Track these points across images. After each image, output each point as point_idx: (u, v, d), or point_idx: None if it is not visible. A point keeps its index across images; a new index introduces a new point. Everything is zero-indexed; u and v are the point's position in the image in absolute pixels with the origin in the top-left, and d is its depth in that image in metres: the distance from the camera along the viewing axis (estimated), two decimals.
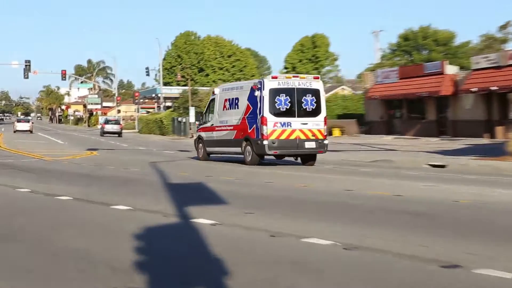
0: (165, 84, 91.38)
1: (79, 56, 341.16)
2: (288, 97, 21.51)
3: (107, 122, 68.40)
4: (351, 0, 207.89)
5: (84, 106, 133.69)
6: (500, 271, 5.75)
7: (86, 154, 27.97)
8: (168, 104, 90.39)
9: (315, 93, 21.92)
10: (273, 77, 22.18)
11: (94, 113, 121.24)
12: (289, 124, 21.43)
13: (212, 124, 24.76)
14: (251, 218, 9.17)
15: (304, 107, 21.71)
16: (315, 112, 21.84)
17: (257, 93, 21.78)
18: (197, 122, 26.80)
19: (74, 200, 11.24)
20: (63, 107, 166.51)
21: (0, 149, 32.28)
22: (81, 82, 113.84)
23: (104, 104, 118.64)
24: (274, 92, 21.42)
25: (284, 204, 10.94)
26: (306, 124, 21.67)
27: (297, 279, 5.58)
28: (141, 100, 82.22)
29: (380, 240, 7.39)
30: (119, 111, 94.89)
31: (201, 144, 25.39)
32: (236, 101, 23.20)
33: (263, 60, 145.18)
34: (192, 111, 55.10)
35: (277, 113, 21.40)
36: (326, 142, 21.92)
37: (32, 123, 74.05)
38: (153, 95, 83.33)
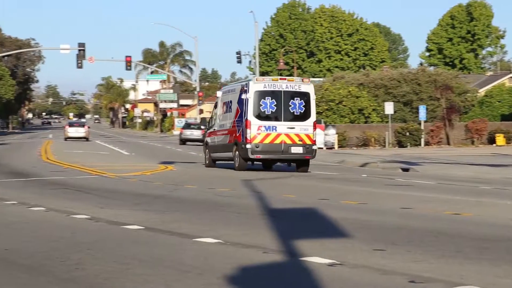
0: (263, 74, 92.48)
1: (148, 40, 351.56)
2: (274, 100, 27.03)
3: (187, 126, 70.07)
4: None
5: (155, 104, 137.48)
6: None
7: (160, 169, 28.82)
8: None
9: (304, 96, 27.25)
10: (258, 79, 28.18)
11: (169, 114, 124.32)
12: (274, 128, 27.03)
13: (215, 129, 30.89)
14: (382, 257, 9.21)
15: (292, 111, 27.13)
16: (304, 116, 27.21)
17: (243, 95, 27.48)
18: (202, 127, 32.28)
19: (145, 230, 11.68)
20: (128, 106, 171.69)
21: (48, 162, 33.82)
22: (151, 73, 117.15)
23: (182, 102, 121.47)
24: (259, 95, 26.98)
25: (427, 238, 10.89)
26: (293, 128, 27.11)
27: None
28: None
29: None
30: (201, 111, 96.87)
31: (207, 150, 31.31)
32: (230, 104, 29.09)
33: (397, 40, 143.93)
34: None
35: (262, 117, 27.05)
36: (315, 147, 27.57)
37: (88, 127, 76.88)
38: None
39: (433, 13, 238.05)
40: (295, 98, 27.17)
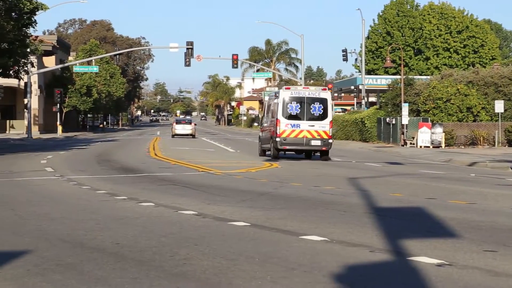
0: (369, 72, 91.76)
1: (254, 38, 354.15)
2: (298, 104, 34.12)
3: None
4: None
5: (261, 102, 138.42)
6: None
7: (265, 167, 29.02)
8: (372, 99, 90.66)
9: (323, 101, 34.28)
10: (286, 88, 36.07)
11: None
12: (298, 125, 33.99)
13: (263, 126, 38.53)
14: (493, 258, 9.05)
15: (312, 113, 34.10)
16: (322, 117, 34.13)
17: (276, 100, 35.02)
18: (255, 124, 39.82)
19: (251, 227, 11.80)
20: (233, 103, 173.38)
21: (156, 158, 34.52)
22: (257, 70, 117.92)
23: None
24: (287, 100, 34.20)
25: None
26: (313, 126, 33.98)
27: None
28: (336, 94, 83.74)
29: None
30: None
31: (260, 142, 39.03)
32: (271, 106, 36.72)
33: (509, 37, 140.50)
34: (405, 109, 54.87)
35: (289, 116, 34.06)
36: (330, 141, 34.50)
37: (195, 125, 77.91)
38: (352, 87, 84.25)
39: None
40: (315, 103, 34.11)
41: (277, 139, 33.91)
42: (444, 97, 57.88)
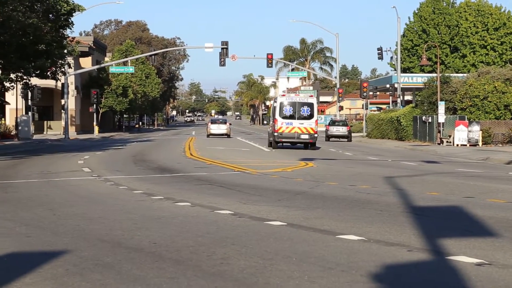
0: (404, 70, 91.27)
1: (289, 37, 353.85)
2: (291, 107, 44.80)
3: (332, 123, 70.44)
4: None
5: None
6: None
7: (300, 166, 28.99)
8: (408, 97, 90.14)
9: (310, 105, 44.91)
10: (282, 95, 47.26)
11: None
12: (291, 123, 44.49)
13: (270, 123, 48.67)
14: None
15: (302, 113, 44.60)
16: (309, 117, 44.68)
17: (275, 104, 46.07)
18: (265, 122, 44.05)
19: (288, 226, 11.80)
20: (268, 103, 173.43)
21: (192, 158, 34.63)
22: (292, 70, 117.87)
23: (321, 98, 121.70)
24: (283, 104, 44.94)
25: None
26: (303, 124, 44.51)
27: None
28: (371, 93, 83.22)
29: None
30: (341, 108, 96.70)
31: (268, 137, 49.33)
32: (273, 108, 47.18)
33: None
34: (441, 107, 54.51)
35: (284, 117, 44.72)
36: (316, 135, 44.91)
37: (230, 124, 77.95)
38: (387, 85, 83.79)
39: None
40: (304, 106, 44.68)
41: (275, 134, 44.81)
42: (481, 95, 57.43)
